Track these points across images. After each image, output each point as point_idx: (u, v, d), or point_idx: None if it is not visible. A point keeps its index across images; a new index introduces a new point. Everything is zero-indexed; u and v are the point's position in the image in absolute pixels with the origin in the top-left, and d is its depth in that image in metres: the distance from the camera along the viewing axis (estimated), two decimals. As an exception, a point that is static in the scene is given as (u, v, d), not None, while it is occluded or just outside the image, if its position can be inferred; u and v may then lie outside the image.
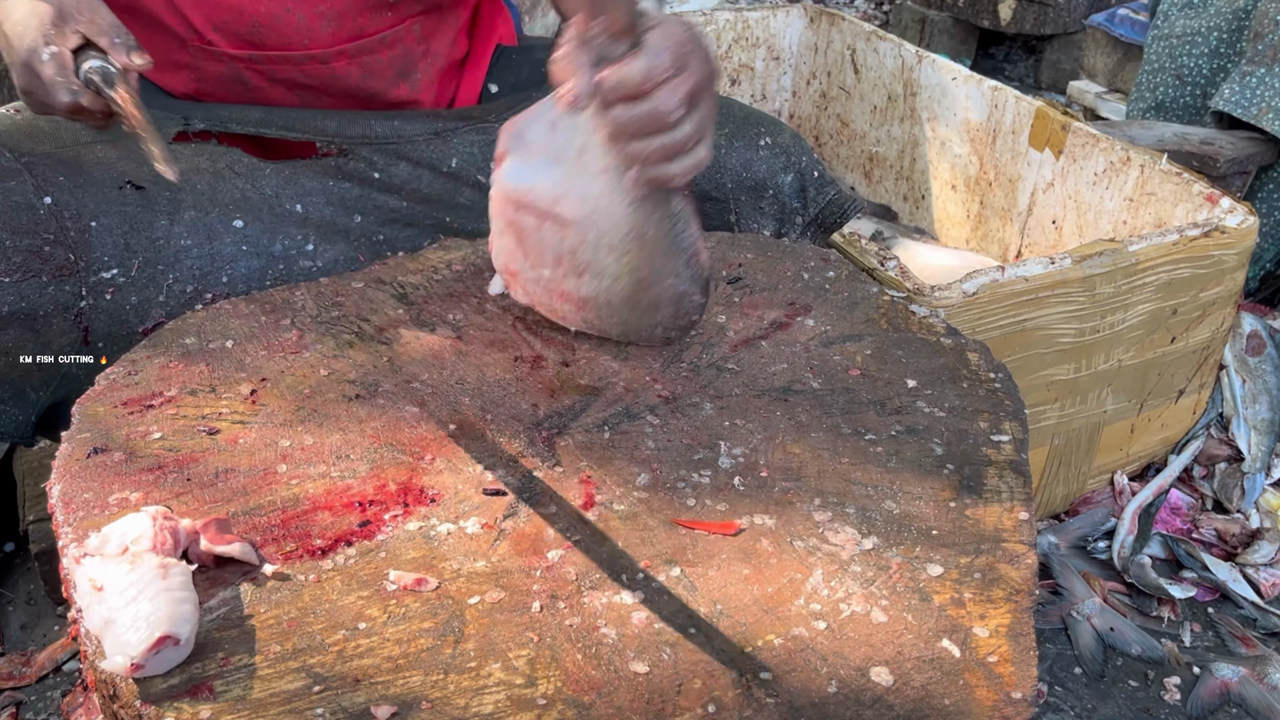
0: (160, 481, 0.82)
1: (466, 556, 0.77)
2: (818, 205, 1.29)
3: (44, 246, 1.05)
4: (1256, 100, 1.83)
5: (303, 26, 1.16)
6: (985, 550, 0.79)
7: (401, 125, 1.23)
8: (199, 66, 1.19)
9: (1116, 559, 1.52)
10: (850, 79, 2.25)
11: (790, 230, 1.29)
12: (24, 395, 1.09)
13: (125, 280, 1.09)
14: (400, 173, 1.22)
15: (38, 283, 1.04)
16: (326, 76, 1.21)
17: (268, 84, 1.21)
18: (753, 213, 1.26)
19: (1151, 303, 1.45)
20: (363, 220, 1.21)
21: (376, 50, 1.22)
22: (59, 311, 1.06)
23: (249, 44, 1.17)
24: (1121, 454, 1.61)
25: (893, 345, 1.03)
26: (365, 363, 0.97)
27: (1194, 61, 2.01)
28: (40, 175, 1.07)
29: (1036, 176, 1.84)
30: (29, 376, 1.08)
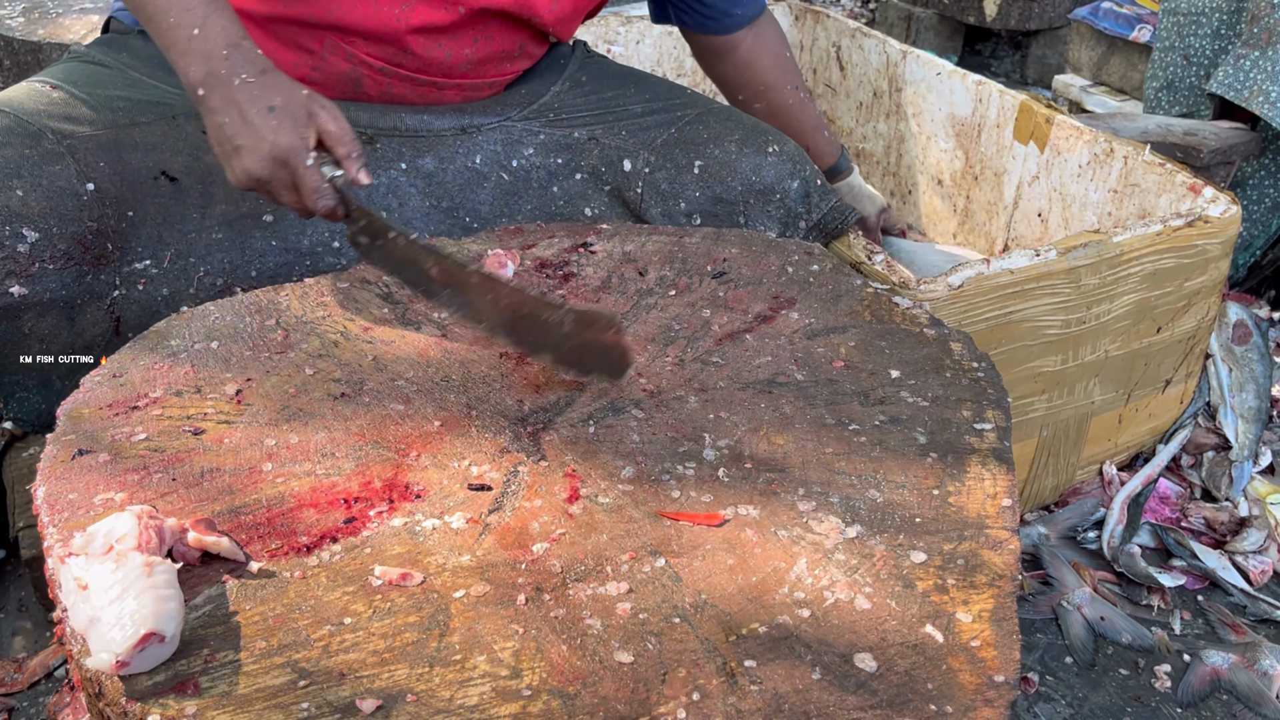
0: (145, 482, 0.82)
1: (452, 551, 0.77)
2: (820, 211, 1.33)
3: (86, 234, 1.06)
4: (1249, 83, 1.83)
5: (446, 62, 1.22)
6: (968, 537, 0.79)
7: (430, 120, 1.27)
8: (324, 58, 1.21)
9: (1106, 549, 1.53)
10: (836, 76, 2.26)
11: (794, 233, 1.32)
12: (49, 384, 1.11)
13: (158, 272, 1.10)
14: (427, 165, 1.25)
15: (77, 270, 1.05)
16: (434, 98, 1.27)
17: (377, 94, 1.25)
18: (760, 216, 1.29)
19: (1137, 293, 1.45)
20: (388, 216, 1.23)
21: (482, 88, 1.29)
22: (93, 300, 1.07)
23: (389, 60, 1.21)
24: (1110, 444, 1.62)
25: (876, 337, 1.03)
26: (350, 361, 0.98)
27: (1199, 42, 2.00)
28: (83, 160, 1.08)
29: (1021, 170, 1.85)
30: (57, 365, 1.09)
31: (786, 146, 1.32)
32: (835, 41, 2.23)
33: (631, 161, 1.29)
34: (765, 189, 1.29)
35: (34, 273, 1.03)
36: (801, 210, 1.32)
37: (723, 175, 1.28)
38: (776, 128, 1.35)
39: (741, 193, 1.29)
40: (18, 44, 2.01)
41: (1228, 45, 1.98)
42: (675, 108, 1.35)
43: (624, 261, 1.16)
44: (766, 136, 1.32)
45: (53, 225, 1.04)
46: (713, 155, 1.29)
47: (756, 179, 1.29)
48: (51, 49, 2.00)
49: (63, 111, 1.11)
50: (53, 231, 1.03)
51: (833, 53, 2.25)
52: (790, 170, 1.30)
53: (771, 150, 1.30)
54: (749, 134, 1.31)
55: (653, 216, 1.29)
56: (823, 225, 1.34)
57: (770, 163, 1.30)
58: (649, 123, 1.32)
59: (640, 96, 1.35)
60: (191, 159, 1.14)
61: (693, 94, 1.40)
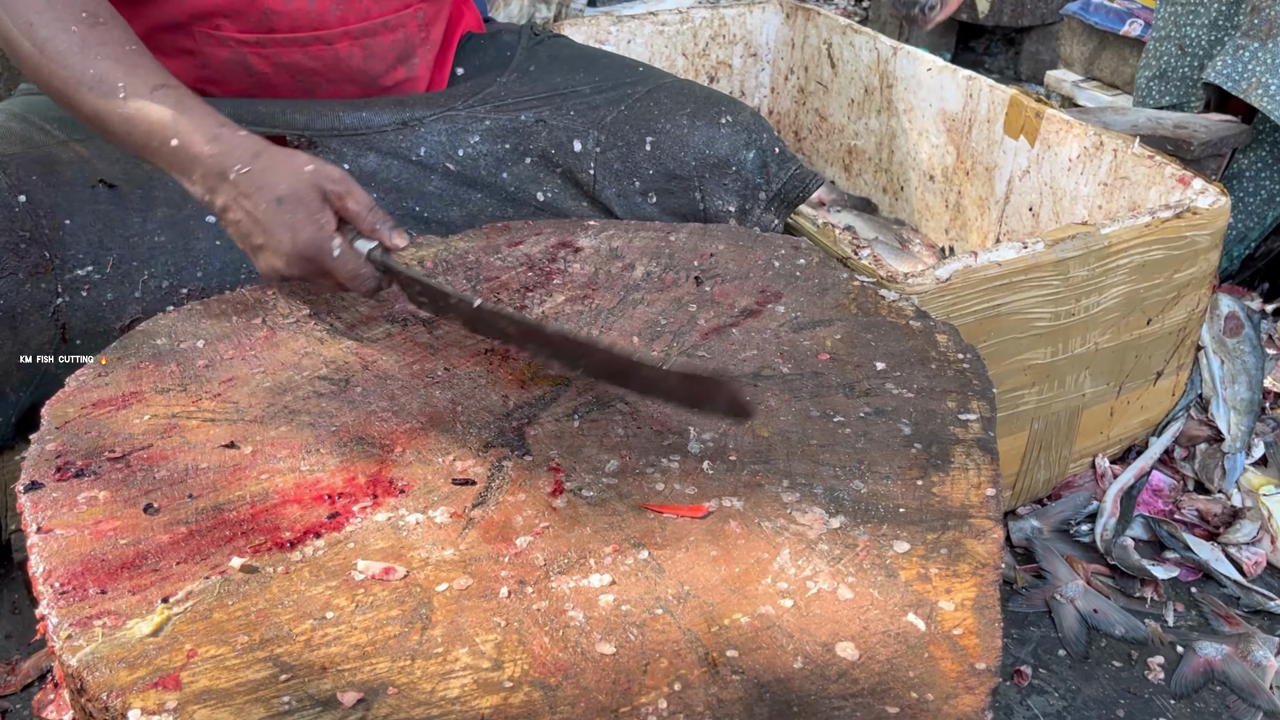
0: (129, 480, 0.82)
1: (435, 545, 0.77)
2: (780, 180, 1.31)
3: (19, 244, 1.05)
4: (1247, 75, 1.82)
5: (312, 10, 1.18)
6: (952, 526, 0.79)
7: (369, 116, 1.24)
8: (204, 52, 1.19)
9: (1099, 541, 1.53)
10: (827, 73, 2.26)
11: (754, 206, 1.30)
12: (4, 396, 1.10)
13: (100, 277, 1.09)
14: (369, 164, 1.23)
15: (14, 280, 1.04)
16: (330, 59, 1.22)
17: (271, 69, 1.21)
18: (717, 189, 1.27)
19: (1126, 285, 1.45)
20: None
21: (380, 33, 1.23)
22: (36, 309, 1.06)
23: (257, 29, 1.18)
24: (1102, 437, 1.62)
25: (862, 329, 1.03)
26: (336, 359, 0.98)
27: (1195, 32, 1.99)
28: (14, 174, 1.08)
29: (1013, 164, 1.85)
30: (8, 377, 1.08)
31: (741, 116, 1.29)
32: (826, 39, 2.23)
33: (581, 142, 1.27)
34: (720, 161, 1.27)
35: None
36: (760, 181, 1.29)
37: (675, 150, 1.26)
38: None
39: (696, 167, 1.26)
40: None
41: (1224, 36, 1.97)
42: (625, 84, 1.32)
43: (611, 257, 1.16)
44: (719, 107, 1.29)
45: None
46: (664, 130, 1.27)
47: (710, 152, 1.26)
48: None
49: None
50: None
51: (824, 50, 2.25)
52: (745, 140, 1.28)
53: (725, 121, 1.28)
54: (700, 106, 1.29)
55: (607, 197, 1.27)
56: (783, 194, 1.32)
57: (724, 134, 1.27)
58: (598, 101, 1.30)
59: (590, 78, 1.33)
60: (130, 165, 1.13)
61: (645, 70, 1.37)
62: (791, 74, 2.36)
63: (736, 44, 2.32)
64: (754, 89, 2.40)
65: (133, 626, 0.69)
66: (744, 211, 1.29)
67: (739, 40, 2.32)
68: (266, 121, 1.21)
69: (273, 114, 1.21)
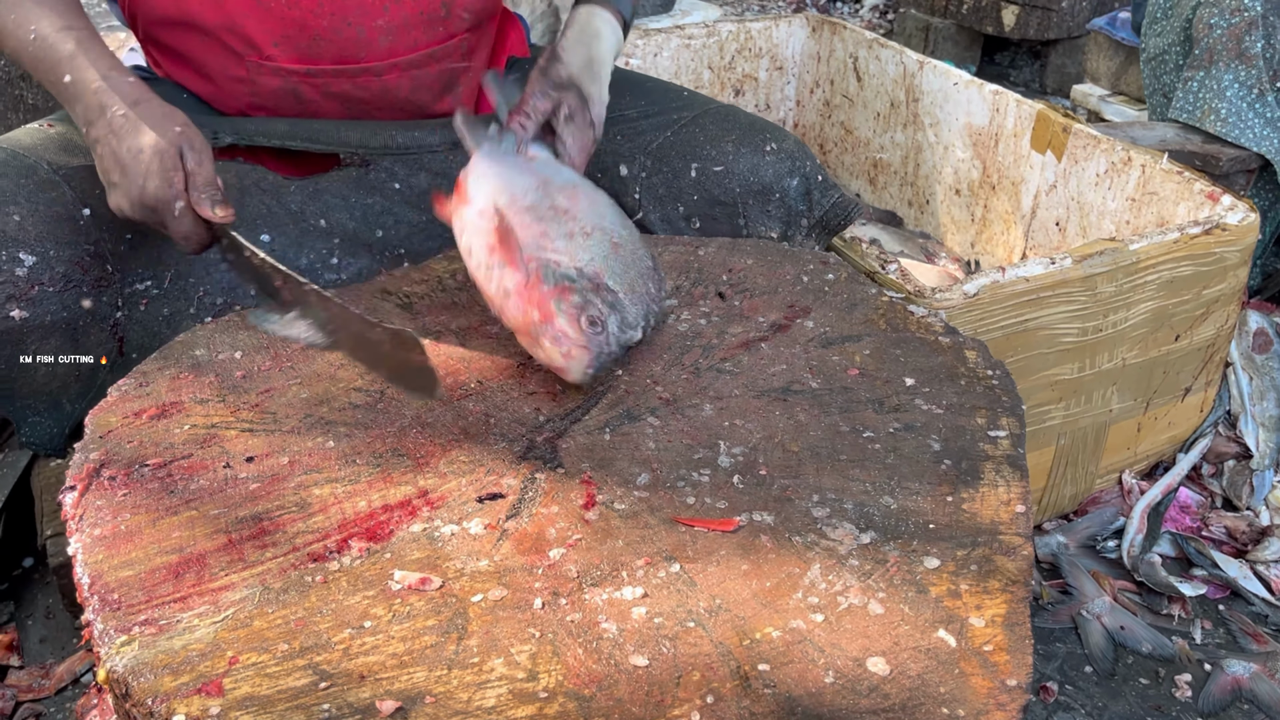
0: (171, 489, 0.83)
1: (470, 556, 0.78)
2: (822, 208, 1.32)
3: (84, 257, 1.08)
4: (1199, 104, 1.86)
5: (361, 40, 1.20)
6: (982, 543, 0.80)
7: (422, 136, 1.27)
8: (255, 81, 1.22)
9: (1126, 558, 1.52)
10: (853, 87, 2.27)
11: (795, 233, 1.31)
12: (59, 407, 1.12)
13: (158, 292, 1.12)
14: (420, 183, 1.26)
15: (78, 293, 1.07)
16: (378, 89, 1.25)
17: (321, 98, 1.24)
18: (760, 216, 1.29)
19: (1154, 301, 1.45)
20: (384, 235, 1.24)
21: (426, 64, 1.26)
22: (96, 322, 1.09)
23: (308, 58, 1.20)
24: (1129, 453, 1.61)
25: (891, 345, 1.04)
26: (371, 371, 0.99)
27: (1168, 78, 2.06)
28: (78, 187, 1.10)
29: (1039, 179, 1.85)
30: (66, 388, 1.11)
31: (785, 144, 1.31)
32: (852, 52, 2.24)
33: (628, 166, 1.29)
34: (764, 188, 1.28)
35: (33, 296, 1.04)
36: (803, 208, 1.31)
37: (720, 177, 1.28)
38: None
39: (740, 194, 1.28)
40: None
41: None
42: (671, 110, 1.34)
43: (640, 271, 1.17)
44: (764, 135, 1.31)
45: (50, 249, 1.05)
46: (709, 157, 1.29)
47: (755, 179, 1.28)
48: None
49: (59, 145, 1.14)
50: (50, 255, 1.05)
51: (850, 63, 2.26)
52: (789, 168, 1.29)
53: (769, 149, 1.29)
54: (745, 133, 1.30)
55: (651, 222, 1.29)
56: (825, 222, 1.33)
57: (768, 162, 1.29)
58: (644, 126, 1.32)
59: (636, 103, 1.35)
60: None
61: (690, 95, 1.39)
62: (817, 87, 2.37)
63: (762, 57, 2.34)
64: (779, 102, 2.41)
65: (177, 633, 0.71)
66: (786, 238, 1.31)
67: (765, 54, 2.33)
68: (321, 139, 1.23)
69: (327, 132, 1.24)
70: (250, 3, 1.16)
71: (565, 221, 1.01)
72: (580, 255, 0.99)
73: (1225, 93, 1.83)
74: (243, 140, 1.22)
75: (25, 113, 2.06)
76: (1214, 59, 1.85)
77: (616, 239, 1.03)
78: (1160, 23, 2.09)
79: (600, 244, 1.01)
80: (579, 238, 1.01)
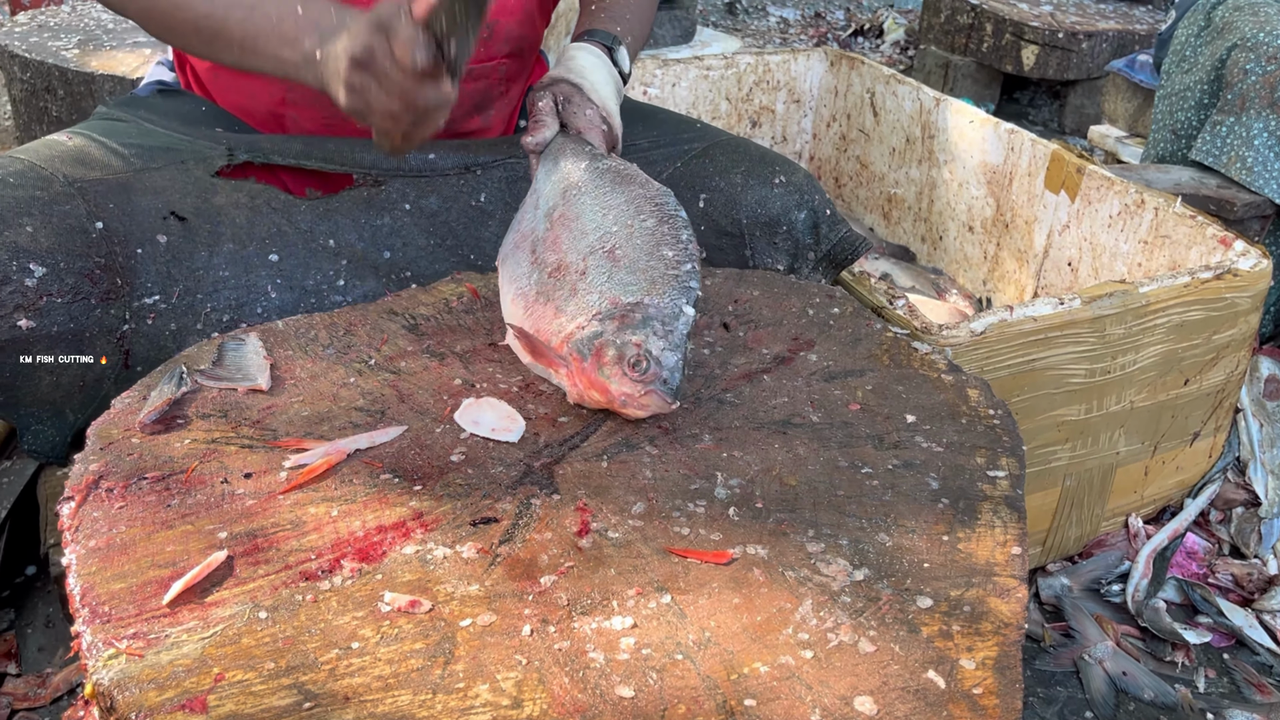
0: (168, 502, 0.84)
1: (461, 580, 0.78)
2: (829, 242, 1.32)
3: (94, 270, 1.09)
4: (1226, 149, 1.86)
5: None
6: (976, 584, 0.79)
7: (435, 160, 1.28)
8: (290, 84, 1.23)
9: (1130, 602, 1.51)
10: (870, 122, 2.28)
11: (803, 265, 1.31)
12: (63, 416, 1.13)
13: (166, 307, 1.13)
14: (431, 205, 1.26)
15: (86, 305, 1.08)
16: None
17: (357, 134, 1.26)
18: (767, 248, 1.29)
19: (1164, 344, 1.44)
20: (392, 256, 1.25)
21: (463, 80, 1.25)
22: (104, 334, 1.10)
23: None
24: (1136, 496, 1.60)
25: (894, 381, 1.04)
26: (373, 390, 1.00)
27: (1184, 115, 2.06)
28: (92, 201, 1.12)
29: (1053, 219, 1.85)
30: (70, 398, 1.12)
31: (794, 176, 1.31)
32: (869, 88, 2.25)
33: None
34: (771, 220, 1.29)
35: (42, 306, 1.05)
36: (810, 241, 1.31)
37: (727, 208, 1.29)
38: None
39: (747, 225, 1.29)
40: (71, 75, 2.08)
41: (1209, 115, 2.03)
42: (682, 141, 1.35)
43: (646, 300, 1.17)
44: (773, 167, 1.31)
45: (60, 260, 1.06)
46: (717, 188, 1.29)
47: (762, 211, 1.29)
48: (105, 80, 2.07)
49: (75, 157, 1.16)
50: (60, 266, 1.06)
51: (866, 98, 2.26)
52: (797, 201, 1.30)
53: (778, 181, 1.30)
54: (755, 165, 1.31)
55: None
56: (832, 256, 1.34)
57: (776, 194, 1.29)
58: (655, 157, 1.33)
59: (648, 134, 1.36)
60: (200, 201, 1.17)
61: (702, 127, 1.40)
62: (834, 121, 2.38)
63: (780, 90, 2.35)
64: (795, 134, 2.42)
65: (164, 648, 0.71)
66: (793, 271, 1.31)
67: (782, 86, 2.35)
68: (335, 159, 1.25)
69: (341, 152, 1.25)
70: None
71: (562, 280, 1.01)
72: (589, 302, 0.98)
73: (1254, 141, 1.82)
74: (258, 158, 1.23)
75: (49, 124, 2.09)
76: (1246, 105, 1.85)
77: (609, 244, 1.01)
78: (1188, 59, 2.07)
79: (598, 271, 1.00)
80: (579, 286, 0.99)
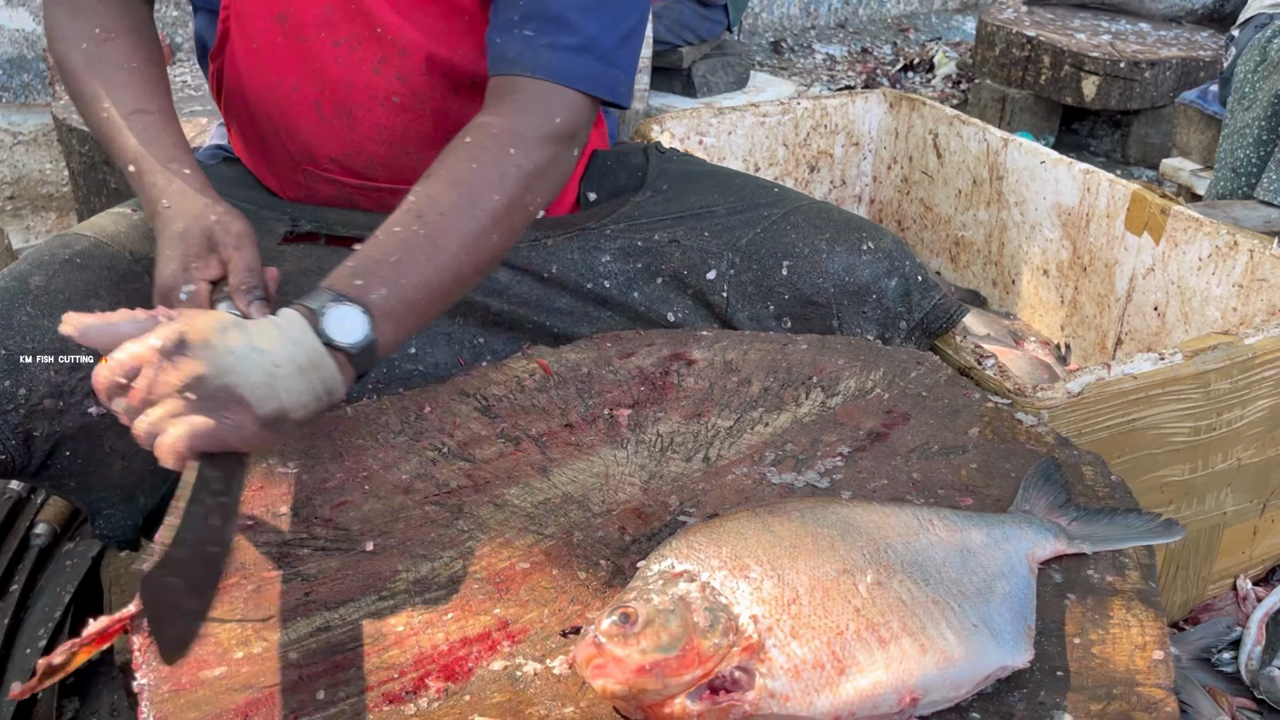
0: (242, 616, 0.79)
1: (554, 700, 0.72)
2: (922, 310, 1.26)
3: None
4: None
5: (419, 168, 1.11)
6: (1118, 695, 0.72)
7: None
8: (312, 186, 1.21)
9: (1244, 672, 1.41)
10: (933, 163, 2.21)
11: (894, 335, 1.25)
12: (134, 500, 1.10)
13: None
14: (501, 277, 1.22)
15: None
16: None
17: (377, 207, 1.22)
18: (855, 318, 1.23)
19: (1272, 398, 1.36)
20: (464, 323, 1.21)
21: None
22: None
23: (364, 176, 1.19)
24: (1244, 557, 1.51)
25: (1000, 458, 0.97)
26: (448, 481, 0.95)
27: (1244, 153, 2.01)
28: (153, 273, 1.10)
29: (1135, 261, 1.77)
30: (141, 482, 1.09)
31: (883, 243, 1.25)
32: (932, 129, 2.19)
33: (716, 264, 1.24)
34: (860, 289, 1.23)
35: None
36: (901, 310, 1.25)
37: (813, 276, 1.22)
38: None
39: (834, 294, 1.22)
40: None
41: (1269, 151, 1.98)
42: (761, 206, 1.29)
43: (726, 371, 1.12)
44: (860, 233, 1.25)
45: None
46: (801, 254, 1.23)
47: (850, 279, 1.23)
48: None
49: (142, 233, 1.13)
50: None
51: (929, 140, 2.20)
52: (887, 268, 1.24)
53: (866, 248, 1.24)
54: (841, 231, 1.25)
55: (739, 321, 1.24)
56: (925, 324, 1.27)
57: (865, 261, 1.23)
58: (733, 222, 1.27)
59: (725, 199, 1.29)
60: None
61: (781, 190, 1.34)
62: (895, 163, 2.32)
63: (838, 134, 2.30)
64: (855, 178, 2.36)
65: (242, 787, 0.66)
66: (883, 340, 1.24)
67: (840, 130, 2.29)
68: None
69: None
70: (312, 117, 1.15)
71: None
72: None
73: None
74: (322, 229, 1.20)
75: (108, 197, 2.09)
76: None
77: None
78: (1247, 96, 2.04)
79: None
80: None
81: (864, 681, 0.68)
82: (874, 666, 0.68)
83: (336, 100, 1.14)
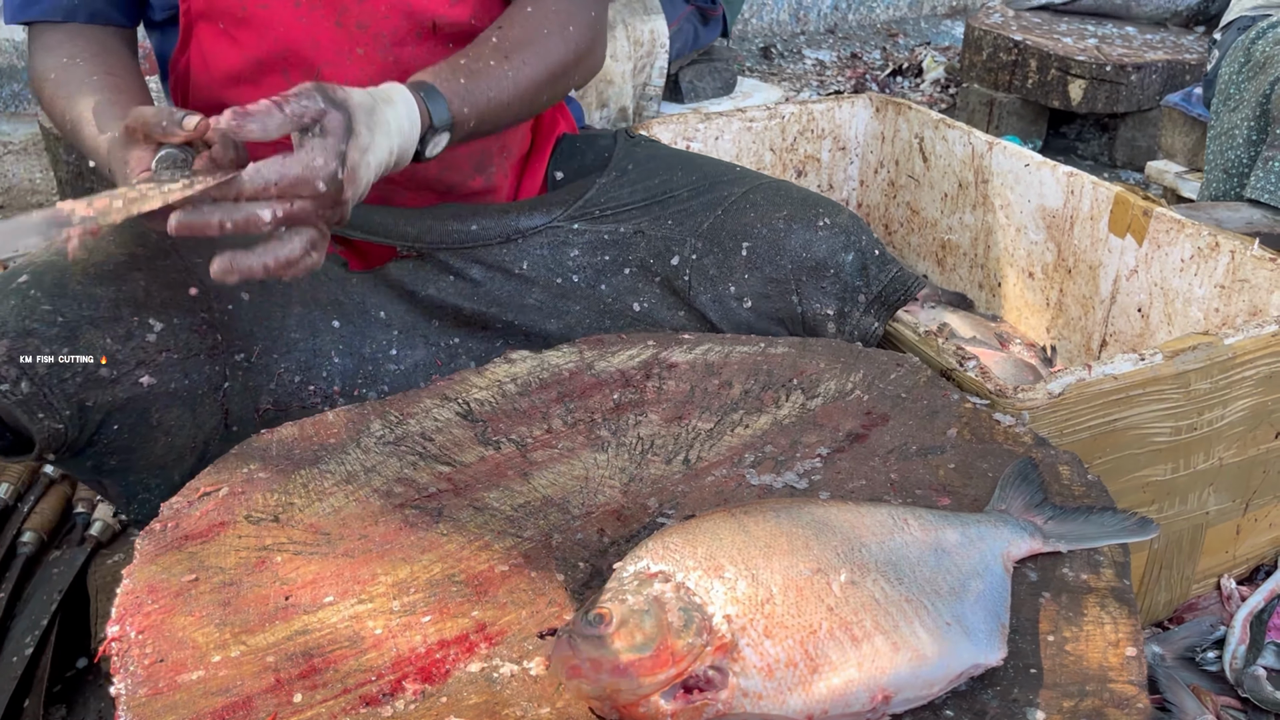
0: (220, 621, 0.79)
1: (531, 701, 0.73)
2: (880, 283, 1.27)
3: (201, 325, 1.08)
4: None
5: None
6: (1090, 692, 0.73)
7: (478, 231, 1.26)
8: None
9: (1228, 671, 1.42)
10: (919, 167, 2.22)
11: (853, 309, 1.26)
12: (170, 481, 1.11)
13: (248, 365, 1.12)
14: (475, 274, 1.25)
15: (197, 361, 1.07)
16: (407, 171, 1.21)
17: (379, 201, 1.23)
18: (815, 292, 1.24)
19: (1252, 398, 1.37)
20: (440, 324, 1.24)
21: (456, 146, 1.22)
22: (210, 392, 1.08)
23: None
24: (1227, 556, 1.51)
25: (977, 458, 0.97)
26: (429, 485, 0.95)
27: (1234, 154, 2.02)
28: (185, 257, 1.11)
29: (1119, 263, 1.78)
30: (181, 460, 1.10)
31: (839, 218, 1.26)
32: (918, 133, 2.20)
33: (679, 250, 1.26)
34: (818, 265, 1.24)
35: (160, 363, 1.04)
36: (860, 283, 1.26)
37: (772, 255, 1.24)
38: None
39: (793, 270, 1.24)
40: (118, 154, 2.08)
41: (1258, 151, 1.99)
42: (721, 185, 1.30)
43: (707, 374, 1.12)
44: (816, 209, 1.26)
45: (173, 316, 1.06)
46: (760, 235, 1.24)
47: (807, 255, 1.24)
48: (149, 158, 2.07)
49: None
50: (174, 321, 1.05)
51: (915, 144, 2.21)
52: (844, 243, 1.25)
53: (822, 224, 1.25)
54: (797, 208, 1.26)
55: (702, 304, 1.25)
56: (883, 297, 1.28)
57: (821, 237, 1.24)
58: (695, 207, 1.28)
59: (687, 179, 1.31)
60: None
61: (741, 171, 1.35)
62: (881, 167, 2.33)
63: (825, 138, 2.30)
64: (842, 182, 2.37)
65: (218, 790, 0.66)
66: (843, 315, 1.25)
67: (827, 134, 2.30)
68: (380, 231, 1.24)
69: (385, 225, 1.24)
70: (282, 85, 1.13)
71: None
72: None
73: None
74: None
75: (96, 204, 2.09)
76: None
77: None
78: (1234, 97, 2.05)
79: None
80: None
81: (836, 680, 0.68)
82: (847, 665, 0.69)
83: (304, 62, 1.16)
